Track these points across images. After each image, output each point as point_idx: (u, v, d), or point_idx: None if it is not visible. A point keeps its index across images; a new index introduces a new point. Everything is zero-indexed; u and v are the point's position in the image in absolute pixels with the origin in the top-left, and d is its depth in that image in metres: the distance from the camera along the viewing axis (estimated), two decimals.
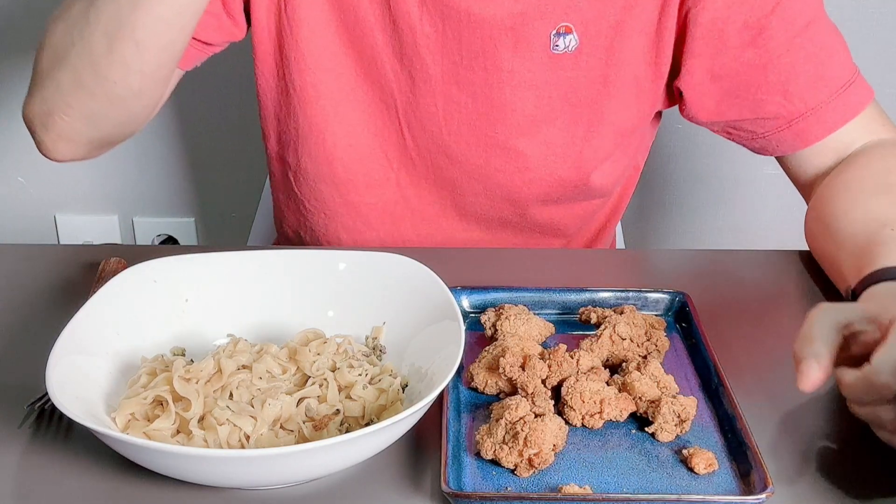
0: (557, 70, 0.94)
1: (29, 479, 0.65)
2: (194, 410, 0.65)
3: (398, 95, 0.97)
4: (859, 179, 0.89)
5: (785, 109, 0.93)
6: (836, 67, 0.93)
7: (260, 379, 0.69)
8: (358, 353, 0.74)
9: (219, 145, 1.86)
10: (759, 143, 0.98)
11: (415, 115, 0.97)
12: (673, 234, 1.93)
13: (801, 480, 0.65)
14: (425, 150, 0.99)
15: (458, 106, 0.96)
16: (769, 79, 0.92)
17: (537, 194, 1.00)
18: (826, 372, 0.62)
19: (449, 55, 0.94)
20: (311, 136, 0.99)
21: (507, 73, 0.93)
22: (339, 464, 0.62)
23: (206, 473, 0.60)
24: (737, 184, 1.83)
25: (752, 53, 0.91)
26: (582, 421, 0.69)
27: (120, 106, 0.87)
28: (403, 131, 0.99)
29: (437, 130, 0.97)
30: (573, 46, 0.92)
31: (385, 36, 0.94)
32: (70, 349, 0.67)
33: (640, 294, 0.82)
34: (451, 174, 1.00)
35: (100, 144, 0.93)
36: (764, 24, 0.90)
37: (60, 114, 0.87)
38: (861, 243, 0.80)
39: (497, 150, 0.97)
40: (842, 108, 0.92)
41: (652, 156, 1.13)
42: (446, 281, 0.74)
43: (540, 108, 0.95)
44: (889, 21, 1.66)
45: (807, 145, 0.94)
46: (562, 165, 0.98)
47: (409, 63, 0.94)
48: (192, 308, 0.77)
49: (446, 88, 0.95)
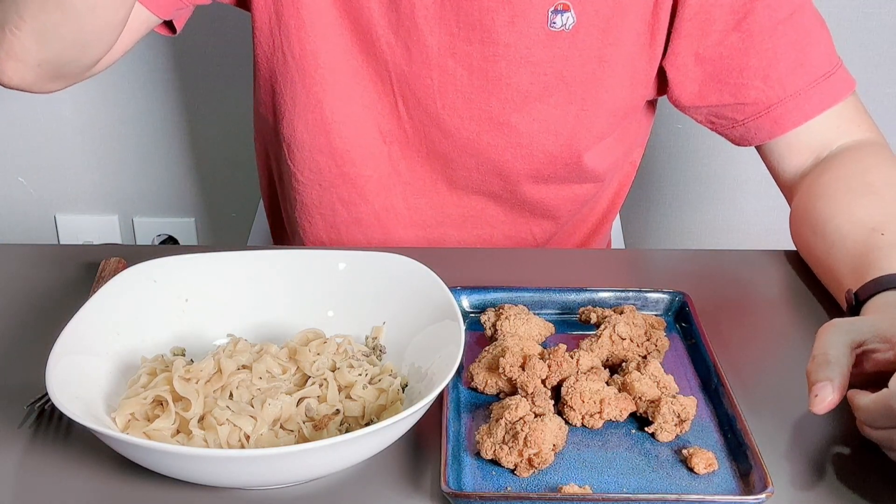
0: (554, 47, 0.94)
1: (29, 479, 0.65)
2: (194, 410, 0.65)
3: (393, 69, 0.97)
4: (838, 181, 0.90)
5: (764, 95, 0.94)
6: (817, 56, 0.94)
7: (260, 379, 0.69)
8: (358, 353, 0.74)
9: (219, 145, 1.86)
10: (739, 132, 0.98)
11: (409, 87, 0.97)
12: (673, 234, 1.93)
13: (801, 480, 0.65)
14: (419, 123, 0.99)
15: (454, 79, 0.96)
16: (750, 63, 0.93)
17: (528, 170, 1.00)
18: (840, 395, 0.62)
19: (446, 26, 0.94)
20: (308, 105, 0.98)
21: (503, 46, 0.94)
22: (339, 464, 0.63)
23: (205, 473, 0.60)
24: (737, 184, 1.83)
25: (735, 37, 0.93)
26: (582, 421, 0.69)
27: (73, 18, 0.82)
28: (398, 104, 0.99)
29: (432, 103, 0.97)
30: (570, 24, 0.93)
31: (382, 7, 0.94)
32: (70, 349, 0.67)
33: (640, 294, 0.82)
34: (443, 148, 1.00)
35: (50, 71, 0.88)
36: (749, 9, 0.92)
37: (11, 27, 0.83)
38: (851, 247, 0.81)
39: (490, 125, 0.98)
40: (819, 96, 0.93)
41: (652, 156, 1.13)
42: (446, 281, 0.74)
43: (535, 85, 0.95)
44: (889, 21, 1.66)
45: (783, 132, 0.95)
46: (554, 142, 0.98)
47: (406, 34, 0.94)
48: (192, 308, 0.77)
49: (442, 60, 0.95)
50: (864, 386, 0.66)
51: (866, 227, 0.81)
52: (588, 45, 0.94)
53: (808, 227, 0.89)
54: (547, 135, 0.98)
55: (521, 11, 0.92)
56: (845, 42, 1.63)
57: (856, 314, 0.75)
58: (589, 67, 0.96)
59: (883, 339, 0.65)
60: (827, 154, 0.94)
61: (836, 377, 0.63)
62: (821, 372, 0.63)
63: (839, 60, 0.95)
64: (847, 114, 0.95)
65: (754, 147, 1.00)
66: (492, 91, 0.96)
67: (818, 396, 0.62)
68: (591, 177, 1.04)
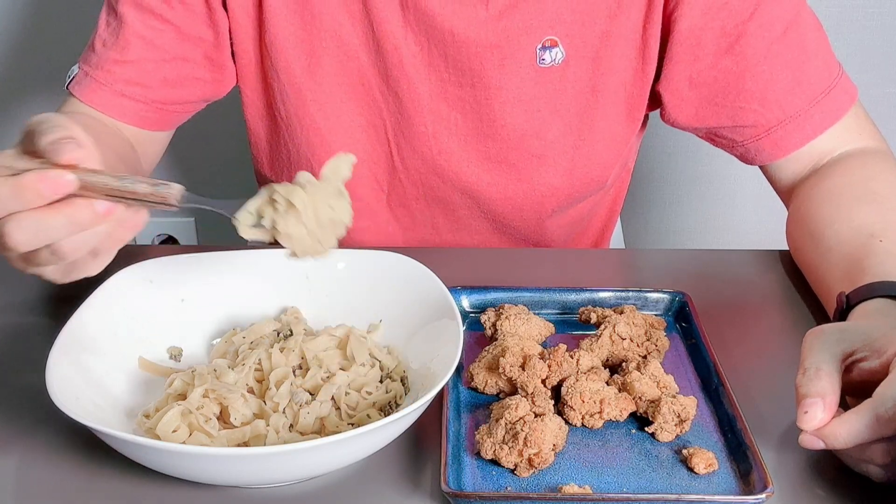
0: (545, 83, 0.93)
1: (29, 479, 0.65)
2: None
3: (387, 116, 0.96)
4: (841, 187, 0.88)
5: (762, 118, 0.92)
6: (815, 72, 0.91)
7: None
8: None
9: (219, 145, 1.85)
10: (740, 152, 0.97)
11: (404, 135, 0.96)
12: (673, 234, 1.93)
13: (801, 480, 0.65)
14: (415, 172, 0.99)
15: (448, 123, 0.95)
16: (747, 87, 0.91)
17: (531, 206, 0.99)
18: (831, 412, 0.61)
19: (436, 72, 0.93)
20: (300, 164, 0.98)
21: (494, 89, 0.93)
22: (339, 462, 0.63)
23: (205, 472, 0.60)
24: (737, 184, 1.83)
25: (729, 61, 0.91)
26: (582, 421, 0.69)
27: None
28: (393, 154, 0.98)
29: (427, 150, 0.97)
30: (560, 59, 0.92)
31: (370, 57, 0.93)
32: (69, 349, 0.67)
33: (640, 294, 0.82)
34: (442, 192, 1.00)
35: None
36: (741, 32, 0.89)
37: None
38: (848, 251, 0.80)
39: (488, 165, 0.97)
40: (819, 116, 0.91)
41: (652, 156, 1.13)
42: (446, 281, 0.74)
43: (530, 121, 0.95)
44: (889, 21, 1.66)
45: (784, 155, 0.93)
46: (554, 174, 0.97)
47: (396, 83, 0.94)
48: (188, 308, 0.77)
49: (435, 106, 0.95)
50: (848, 394, 0.65)
51: (865, 233, 0.80)
52: (579, 76, 0.93)
53: (807, 230, 0.88)
54: (547, 168, 0.97)
55: (509, 53, 0.91)
56: (845, 42, 1.63)
57: (843, 318, 0.74)
58: (582, 98, 0.94)
59: (871, 348, 0.64)
60: (828, 160, 0.93)
61: (828, 394, 0.61)
62: (812, 386, 0.62)
63: (839, 70, 0.93)
64: (850, 124, 0.93)
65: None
66: (487, 132, 0.95)
67: (808, 414, 0.61)
68: (588, 197, 1.03)
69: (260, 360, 0.70)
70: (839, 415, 0.61)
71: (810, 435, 0.62)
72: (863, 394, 0.62)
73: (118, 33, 0.92)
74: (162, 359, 0.74)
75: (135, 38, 0.92)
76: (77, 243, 0.57)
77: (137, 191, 0.58)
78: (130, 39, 0.92)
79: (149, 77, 0.93)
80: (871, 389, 0.61)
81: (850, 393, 0.66)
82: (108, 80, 0.92)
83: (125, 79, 0.92)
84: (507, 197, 0.99)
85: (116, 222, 0.58)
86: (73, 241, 0.57)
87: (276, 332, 0.74)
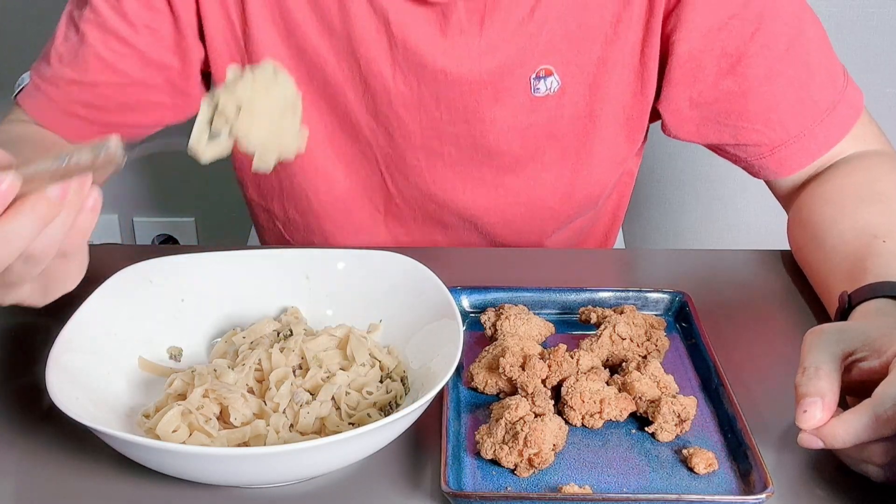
0: (541, 112, 0.92)
1: (29, 478, 0.65)
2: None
3: (377, 150, 0.95)
4: (845, 188, 0.87)
5: (767, 137, 0.91)
6: (819, 89, 0.90)
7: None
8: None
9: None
10: (743, 166, 0.97)
11: (396, 167, 0.95)
12: (673, 234, 1.93)
13: (801, 480, 0.65)
14: (410, 199, 0.98)
15: (441, 156, 0.94)
16: (749, 108, 0.90)
17: (530, 225, 0.99)
18: (830, 412, 0.61)
19: (427, 111, 0.91)
20: (293, 193, 0.98)
21: (489, 122, 0.92)
22: (339, 462, 0.63)
23: (205, 472, 0.60)
24: (737, 184, 1.83)
25: (731, 82, 0.89)
26: (582, 421, 0.69)
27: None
28: (386, 181, 0.97)
29: (421, 180, 0.96)
30: (555, 88, 0.90)
31: (358, 94, 0.92)
32: (69, 349, 0.67)
33: (640, 294, 0.82)
34: (439, 215, 1.00)
35: None
36: (743, 52, 0.88)
37: None
38: (851, 251, 0.79)
39: (484, 190, 0.96)
40: (824, 134, 0.90)
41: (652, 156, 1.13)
42: (446, 281, 0.74)
43: (526, 149, 0.94)
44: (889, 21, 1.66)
45: (790, 173, 0.93)
46: (552, 196, 0.97)
47: (385, 120, 0.92)
48: (188, 308, 0.77)
49: (427, 142, 0.93)
50: (847, 394, 0.65)
51: (868, 233, 0.80)
52: (575, 103, 0.92)
53: (810, 230, 0.87)
54: (545, 192, 0.97)
55: (503, 88, 0.90)
56: (845, 42, 1.63)
57: (844, 317, 0.74)
58: (580, 124, 0.93)
59: (871, 348, 0.64)
60: (832, 162, 0.92)
61: (827, 394, 0.61)
62: (811, 385, 0.62)
63: (844, 80, 0.91)
64: (855, 133, 0.91)
65: None
66: (482, 161, 0.94)
67: (807, 413, 0.61)
68: (586, 212, 1.03)
69: (260, 360, 0.70)
70: (838, 414, 0.61)
71: (809, 434, 0.62)
72: (862, 393, 0.62)
73: (77, 52, 0.89)
74: (162, 359, 0.74)
75: (95, 60, 0.88)
76: (45, 242, 0.55)
77: (81, 162, 0.55)
78: (90, 60, 0.88)
79: (106, 100, 0.90)
80: (870, 389, 0.61)
81: (849, 393, 0.65)
82: (58, 97, 0.89)
83: (81, 100, 0.89)
84: (506, 221, 0.98)
85: (73, 210, 0.55)
86: (41, 242, 0.54)
87: (276, 332, 0.74)
